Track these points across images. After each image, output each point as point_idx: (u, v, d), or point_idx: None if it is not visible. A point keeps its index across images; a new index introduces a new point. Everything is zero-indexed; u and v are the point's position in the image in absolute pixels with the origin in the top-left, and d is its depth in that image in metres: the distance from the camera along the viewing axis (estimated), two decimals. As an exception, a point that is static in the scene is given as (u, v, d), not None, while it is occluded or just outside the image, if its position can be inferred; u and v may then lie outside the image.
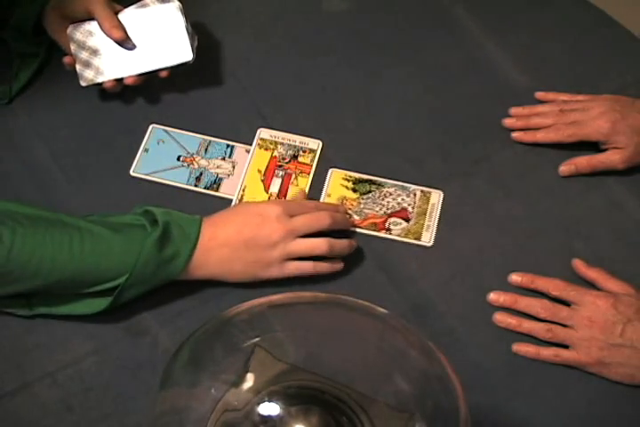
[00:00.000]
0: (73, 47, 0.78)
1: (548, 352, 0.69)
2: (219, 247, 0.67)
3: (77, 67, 0.78)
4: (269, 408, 0.48)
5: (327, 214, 0.70)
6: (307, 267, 0.69)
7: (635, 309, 0.68)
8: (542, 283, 0.72)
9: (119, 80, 0.78)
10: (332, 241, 0.69)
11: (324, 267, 0.70)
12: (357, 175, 0.78)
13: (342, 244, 0.70)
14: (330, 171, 0.78)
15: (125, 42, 0.77)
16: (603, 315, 0.68)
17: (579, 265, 0.74)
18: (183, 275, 0.67)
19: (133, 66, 0.78)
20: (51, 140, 0.79)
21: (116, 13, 0.77)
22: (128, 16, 0.78)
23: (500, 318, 0.71)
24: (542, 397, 0.68)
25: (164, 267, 0.66)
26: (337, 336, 0.52)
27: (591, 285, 0.72)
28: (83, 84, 0.78)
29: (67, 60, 0.79)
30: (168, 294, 0.71)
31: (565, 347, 0.69)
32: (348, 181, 0.78)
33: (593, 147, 0.79)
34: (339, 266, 0.71)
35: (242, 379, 0.50)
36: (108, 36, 0.76)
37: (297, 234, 0.68)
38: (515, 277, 0.73)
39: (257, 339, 0.50)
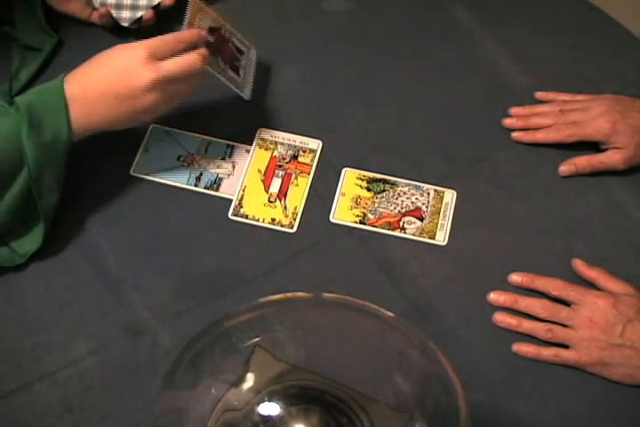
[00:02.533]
0: None
1: (548, 352, 0.69)
2: (96, 105, 0.67)
3: (113, 12, 0.81)
4: (269, 408, 0.48)
5: (194, 54, 0.69)
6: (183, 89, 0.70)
7: (635, 309, 0.68)
8: (542, 283, 0.72)
9: (155, 8, 0.81)
10: (204, 53, 0.70)
11: (194, 81, 0.70)
12: (371, 175, 0.78)
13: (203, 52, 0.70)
14: (344, 170, 0.78)
15: None
16: (603, 315, 0.68)
17: (579, 265, 0.74)
18: (73, 136, 0.68)
19: None
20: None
21: None
22: None
23: (500, 318, 0.71)
24: (542, 397, 0.68)
25: (51, 145, 0.66)
26: (337, 336, 0.52)
27: (591, 285, 0.72)
28: (125, 24, 0.82)
29: (102, 11, 0.81)
30: (168, 294, 0.71)
31: (565, 347, 0.69)
32: (362, 180, 0.78)
33: (593, 147, 0.79)
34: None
35: (242, 379, 0.50)
36: None
37: (168, 78, 0.67)
38: (515, 278, 0.73)
39: (257, 339, 0.50)
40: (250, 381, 0.50)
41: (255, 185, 0.77)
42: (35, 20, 0.80)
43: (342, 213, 0.76)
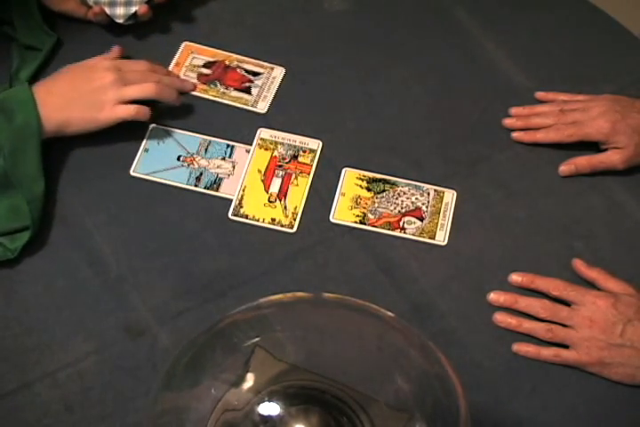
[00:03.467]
0: None
1: (548, 352, 0.69)
2: (57, 99, 0.73)
3: (107, 10, 0.81)
4: (269, 408, 0.48)
5: (154, 68, 0.79)
6: (133, 109, 0.75)
7: (635, 309, 0.68)
8: (542, 283, 0.72)
9: (149, 3, 0.81)
10: (161, 79, 0.78)
11: (146, 111, 0.76)
12: (371, 175, 0.78)
13: (171, 80, 0.80)
14: (344, 170, 0.78)
15: None
16: (603, 315, 0.68)
17: (579, 265, 0.74)
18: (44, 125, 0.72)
19: None
20: (50, 139, 0.79)
21: None
22: None
23: (501, 318, 0.71)
24: (542, 397, 0.68)
25: (22, 130, 0.70)
26: (337, 336, 0.52)
27: (591, 285, 0.72)
28: (119, 20, 0.82)
29: (95, 10, 0.81)
30: (168, 294, 0.71)
31: (566, 347, 0.69)
32: (362, 180, 0.78)
33: (593, 147, 0.79)
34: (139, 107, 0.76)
35: (242, 379, 0.50)
36: None
37: (127, 82, 0.75)
38: (515, 277, 0.73)
39: (257, 339, 0.50)
40: (250, 381, 0.50)
41: (255, 185, 0.77)
42: (33, 19, 0.80)
43: (342, 213, 0.76)
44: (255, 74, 0.83)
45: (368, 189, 0.78)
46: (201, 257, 0.74)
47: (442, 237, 0.75)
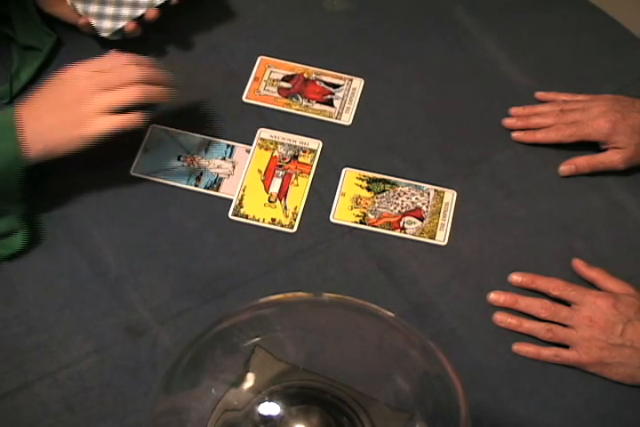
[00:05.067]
0: (79, 6, 0.77)
1: (548, 352, 0.69)
2: (38, 124, 0.68)
3: (93, 22, 0.78)
4: (270, 408, 0.48)
5: (134, 68, 0.71)
6: (120, 120, 0.70)
7: (635, 309, 0.68)
8: (543, 283, 0.72)
9: (138, 19, 0.79)
10: (143, 86, 0.70)
11: (138, 117, 0.70)
12: (371, 175, 0.78)
13: (156, 80, 0.72)
14: (344, 170, 0.79)
15: None
16: (603, 315, 0.68)
17: (579, 265, 0.74)
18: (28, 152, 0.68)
19: (146, 1, 0.78)
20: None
21: None
22: None
23: (501, 318, 0.71)
24: (542, 397, 0.68)
25: (5, 156, 0.67)
26: (337, 336, 0.52)
27: (591, 285, 0.72)
28: (105, 34, 0.79)
29: (82, 21, 0.79)
30: (168, 294, 0.71)
31: (566, 347, 0.69)
32: (363, 180, 0.78)
33: (593, 147, 0.79)
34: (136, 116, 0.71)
35: (242, 379, 0.50)
36: None
37: (108, 86, 0.70)
38: (515, 277, 0.73)
39: (257, 339, 0.50)
40: (250, 381, 0.50)
41: (255, 185, 0.77)
42: (32, 19, 0.80)
43: (342, 213, 0.76)
44: (335, 86, 0.83)
45: (368, 189, 0.78)
46: (201, 257, 0.74)
47: (442, 237, 0.76)
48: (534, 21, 0.90)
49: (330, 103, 0.83)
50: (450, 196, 0.78)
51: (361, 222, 0.76)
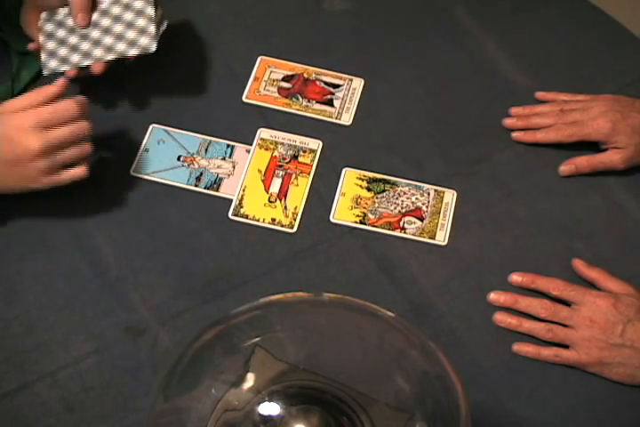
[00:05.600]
0: (42, 37, 0.77)
1: (548, 352, 0.69)
2: None
3: (42, 56, 0.77)
4: (270, 408, 0.48)
5: (85, 124, 0.69)
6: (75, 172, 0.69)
7: (635, 309, 0.68)
8: (543, 283, 0.72)
9: (83, 68, 0.77)
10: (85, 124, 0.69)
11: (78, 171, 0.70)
12: (371, 175, 0.78)
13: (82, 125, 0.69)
14: (344, 170, 0.79)
15: (88, 36, 0.76)
16: (603, 315, 0.68)
17: (579, 265, 0.74)
18: None
19: (96, 54, 0.76)
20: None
21: None
22: (96, 2, 0.76)
23: (501, 318, 0.71)
24: (542, 397, 0.68)
25: None
26: (337, 336, 0.52)
27: (591, 285, 0.72)
28: (45, 72, 0.77)
29: (31, 46, 0.78)
30: (168, 293, 0.71)
31: (566, 347, 0.69)
32: (363, 180, 0.78)
33: (593, 147, 0.79)
34: (81, 170, 0.70)
35: (242, 379, 0.50)
36: (73, 18, 0.75)
37: (55, 143, 0.67)
38: (515, 277, 0.73)
39: (257, 339, 0.50)
40: (250, 381, 0.50)
41: (255, 185, 0.77)
42: (23, 34, 0.79)
43: (342, 213, 0.76)
44: (335, 86, 0.83)
45: (368, 189, 0.78)
46: (201, 257, 0.74)
47: (442, 237, 0.76)
48: (534, 21, 0.90)
49: (330, 103, 0.83)
50: (450, 196, 0.78)
51: (361, 222, 0.76)
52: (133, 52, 0.76)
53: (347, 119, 0.82)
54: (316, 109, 0.82)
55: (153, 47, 0.76)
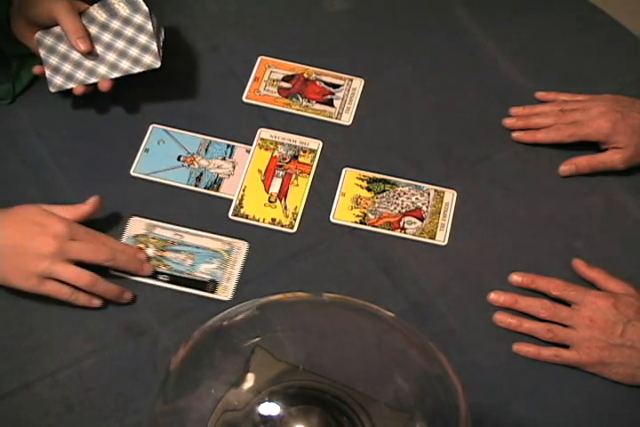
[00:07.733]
0: (42, 52, 0.76)
1: (548, 352, 0.69)
2: None
3: (47, 72, 0.76)
4: (270, 408, 0.48)
5: (108, 250, 0.68)
6: (64, 292, 0.67)
7: (635, 309, 0.68)
8: (543, 283, 0.72)
9: (89, 85, 0.77)
10: (99, 279, 0.67)
11: (80, 298, 0.67)
12: (372, 175, 0.78)
13: (109, 286, 0.68)
14: (344, 170, 0.79)
15: (91, 53, 0.75)
16: (603, 315, 0.68)
17: (579, 265, 0.74)
18: None
19: (101, 71, 0.76)
20: (51, 140, 0.79)
21: (81, 13, 0.75)
22: (93, 16, 0.76)
23: (501, 318, 0.71)
24: (542, 397, 0.68)
25: None
26: (337, 336, 0.52)
27: (591, 285, 0.72)
28: (52, 90, 0.77)
29: (36, 70, 0.77)
30: (168, 293, 0.71)
31: (566, 347, 0.69)
32: (363, 180, 0.78)
33: (593, 147, 0.79)
34: (96, 302, 0.68)
35: (242, 379, 0.50)
36: (74, 46, 0.74)
37: (68, 257, 0.66)
38: (515, 278, 0.73)
39: (257, 339, 0.50)
40: (250, 381, 0.50)
41: (255, 185, 0.77)
42: (14, 41, 0.78)
43: (342, 213, 0.76)
44: (335, 86, 0.83)
45: (368, 189, 0.78)
46: (201, 257, 0.74)
47: (442, 237, 0.76)
48: (534, 21, 0.90)
49: (330, 103, 0.83)
50: (450, 196, 0.78)
51: (361, 222, 0.76)
52: (138, 69, 0.76)
53: (347, 119, 0.82)
54: (316, 109, 0.82)
55: (157, 64, 0.76)
